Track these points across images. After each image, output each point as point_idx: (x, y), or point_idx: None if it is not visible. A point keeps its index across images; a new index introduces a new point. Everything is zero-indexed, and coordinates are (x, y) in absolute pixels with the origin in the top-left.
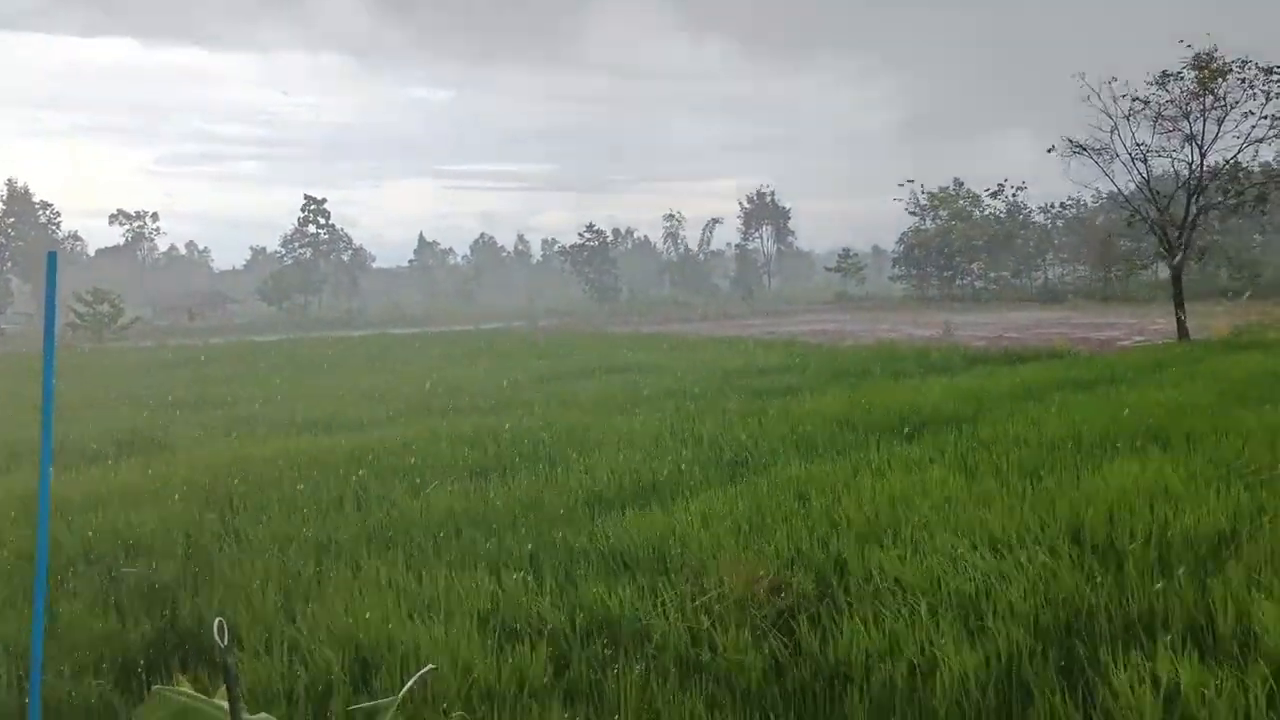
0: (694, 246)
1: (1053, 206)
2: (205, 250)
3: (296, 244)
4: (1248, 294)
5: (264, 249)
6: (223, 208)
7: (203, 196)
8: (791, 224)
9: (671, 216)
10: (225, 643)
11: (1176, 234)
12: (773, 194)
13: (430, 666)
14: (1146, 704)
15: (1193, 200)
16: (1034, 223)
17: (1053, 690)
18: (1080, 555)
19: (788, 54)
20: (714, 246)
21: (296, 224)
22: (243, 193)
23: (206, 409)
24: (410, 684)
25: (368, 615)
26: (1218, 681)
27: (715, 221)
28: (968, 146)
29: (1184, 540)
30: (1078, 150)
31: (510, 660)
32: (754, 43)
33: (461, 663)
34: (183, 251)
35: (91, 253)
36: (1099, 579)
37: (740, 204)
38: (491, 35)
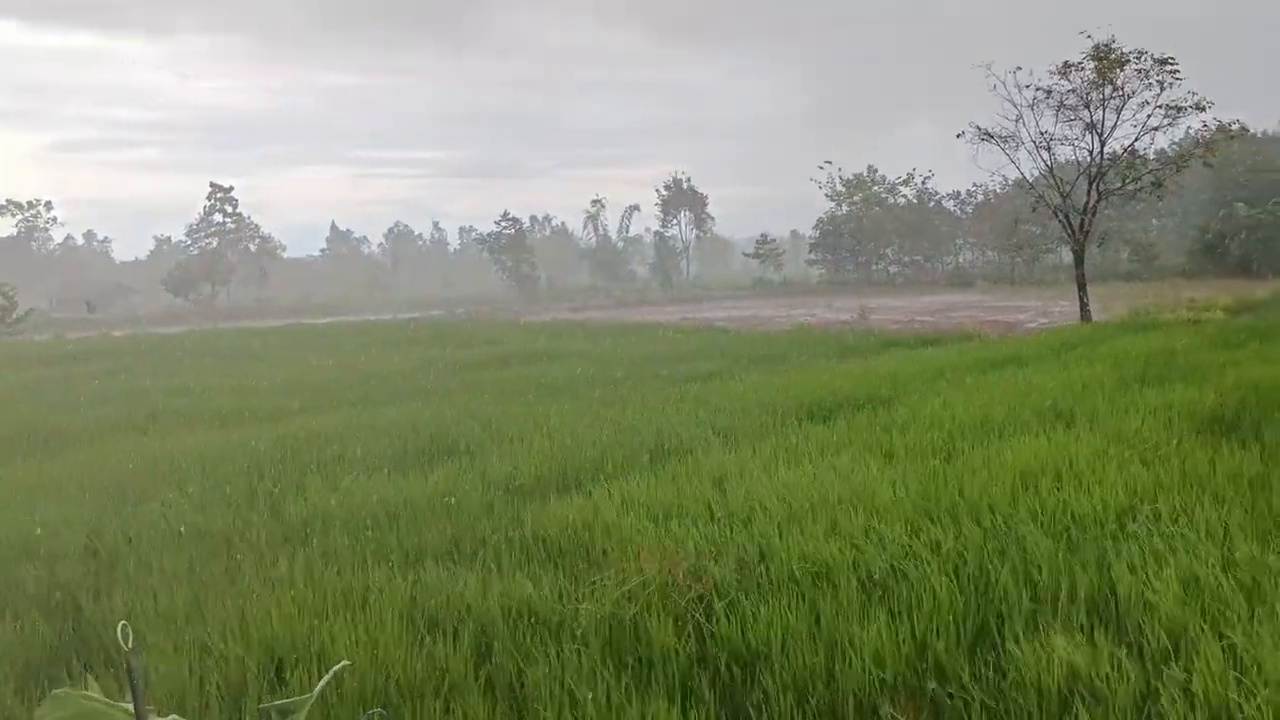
0: (613, 234)
1: (958, 194)
2: (105, 240)
3: (202, 233)
4: None
5: (168, 238)
6: (123, 196)
7: (101, 184)
8: (710, 209)
9: (596, 201)
10: (129, 645)
11: (1078, 219)
12: (689, 180)
13: (345, 663)
14: (1050, 679)
15: (1093, 186)
16: (944, 209)
17: (962, 669)
18: (989, 531)
19: (701, 40)
20: (632, 233)
21: (202, 212)
22: (144, 180)
23: (108, 403)
24: (325, 681)
25: (282, 612)
26: (1116, 655)
27: (633, 208)
28: (879, 134)
29: (1087, 515)
30: (985, 137)
31: (431, 655)
32: (668, 29)
33: (380, 658)
34: (80, 242)
35: None
36: (1007, 555)
37: (658, 191)
38: (402, 18)
